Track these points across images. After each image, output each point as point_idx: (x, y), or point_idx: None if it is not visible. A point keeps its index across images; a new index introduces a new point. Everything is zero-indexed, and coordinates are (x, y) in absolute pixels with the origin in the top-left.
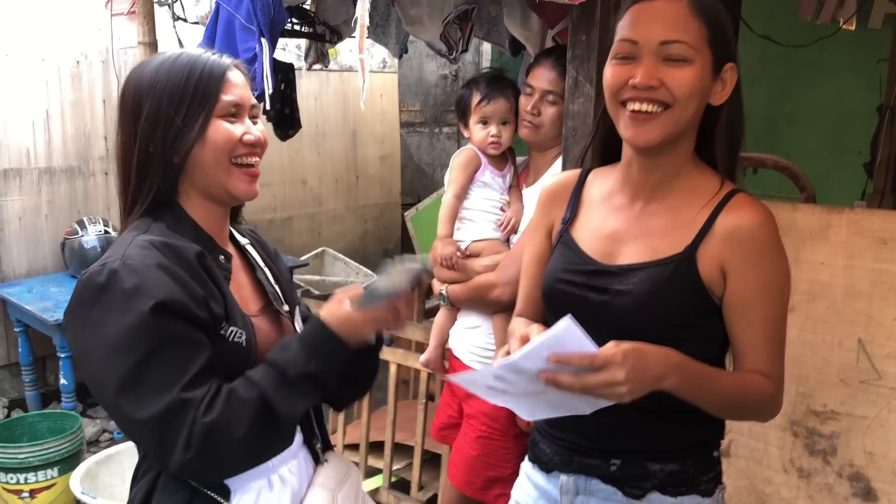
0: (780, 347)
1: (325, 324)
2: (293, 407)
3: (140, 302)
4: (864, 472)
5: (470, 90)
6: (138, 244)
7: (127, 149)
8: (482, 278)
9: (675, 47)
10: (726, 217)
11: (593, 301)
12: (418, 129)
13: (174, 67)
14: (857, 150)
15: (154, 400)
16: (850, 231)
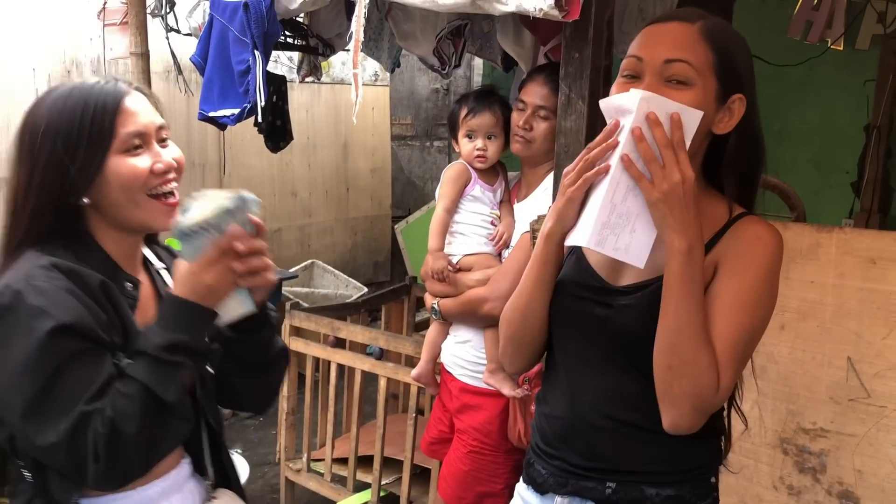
0: (737, 357)
1: (171, 294)
2: (172, 384)
3: (44, 322)
4: (854, 490)
5: (459, 105)
6: (41, 265)
7: (19, 194)
8: (473, 293)
9: (677, 67)
10: (732, 230)
11: (598, 315)
12: (409, 143)
13: (66, 106)
14: (845, 169)
15: (60, 421)
16: (840, 250)
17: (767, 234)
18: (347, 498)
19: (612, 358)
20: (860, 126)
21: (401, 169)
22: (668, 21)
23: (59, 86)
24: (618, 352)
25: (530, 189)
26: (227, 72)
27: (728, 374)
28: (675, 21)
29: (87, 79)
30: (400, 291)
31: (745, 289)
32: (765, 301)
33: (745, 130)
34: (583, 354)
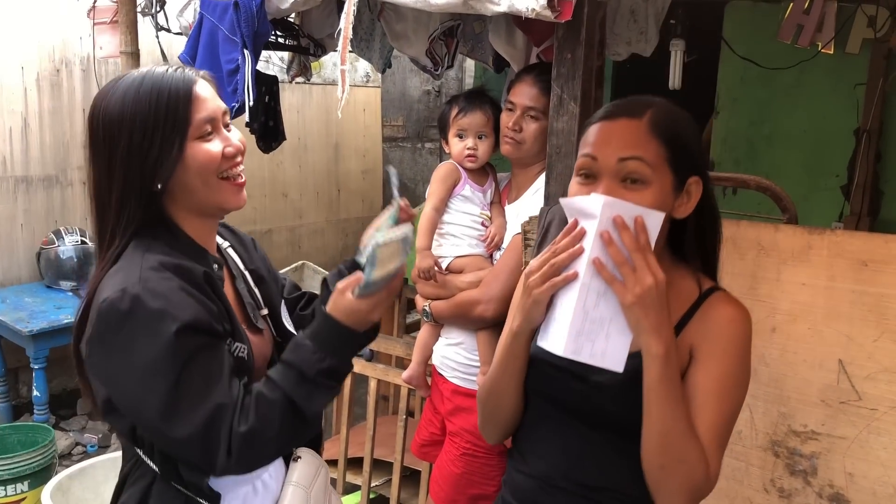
0: (722, 443)
1: (333, 318)
2: (316, 402)
3: (166, 325)
4: (844, 493)
5: (450, 105)
6: (150, 266)
7: (102, 185)
8: (465, 295)
9: (632, 164)
10: (704, 308)
11: (574, 390)
12: (401, 144)
13: (140, 95)
14: (835, 172)
15: (193, 415)
16: (831, 252)
17: (739, 315)
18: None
19: (590, 430)
20: (850, 130)
21: None
22: (616, 118)
23: (125, 75)
24: (596, 426)
25: (521, 191)
26: (215, 70)
27: (716, 459)
28: (622, 118)
29: (153, 67)
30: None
31: (724, 375)
32: (742, 381)
33: (703, 208)
34: (560, 426)
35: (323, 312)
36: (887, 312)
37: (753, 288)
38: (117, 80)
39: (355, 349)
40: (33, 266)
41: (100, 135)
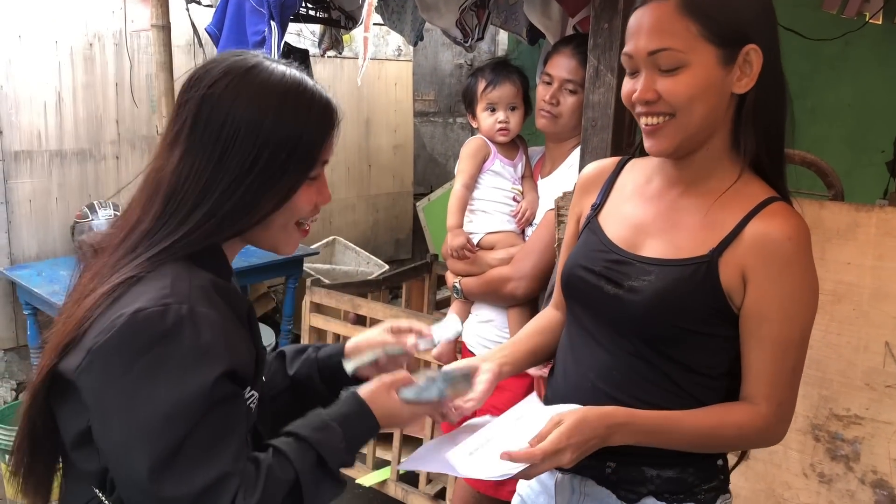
0: (790, 374)
1: (371, 411)
2: (321, 495)
3: (213, 364)
4: (889, 480)
5: (475, 78)
6: (200, 285)
7: (191, 183)
8: (496, 272)
9: (662, 56)
10: (757, 223)
11: (607, 293)
12: (432, 119)
13: (287, 107)
14: (880, 148)
15: (192, 476)
16: (880, 231)
17: (796, 231)
18: (367, 475)
19: (619, 338)
20: None
21: (423, 146)
22: (646, 2)
23: (258, 62)
24: (626, 333)
25: (555, 165)
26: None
27: (780, 392)
28: (652, 1)
29: (295, 70)
30: (421, 269)
31: (784, 296)
32: (807, 303)
33: (762, 82)
34: (591, 331)
35: (360, 401)
36: None
37: None
38: (247, 68)
39: (369, 439)
40: (68, 240)
41: (215, 130)
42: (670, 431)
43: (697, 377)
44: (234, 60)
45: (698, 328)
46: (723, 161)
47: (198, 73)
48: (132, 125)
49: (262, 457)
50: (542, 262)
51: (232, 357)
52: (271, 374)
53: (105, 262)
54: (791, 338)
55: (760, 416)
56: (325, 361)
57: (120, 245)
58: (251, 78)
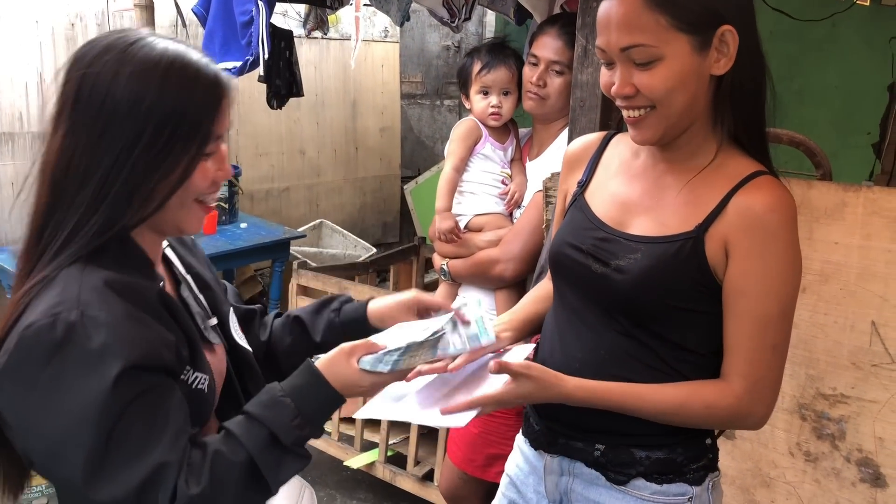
0: (769, 352)
1: (328, 382)
2: (283, 473)
3: (110, 365)
4: (874, 458)
5: (472, 59)
6: (92, 286)
7: (73, 169)
8: (485, 254)
9: (635, 52)
10: (741, 196)
11: (595, 272)
12: (419, 101)
13: (169, 81)
14: (866, 129)
15: (127, 474)
16: (867, 210)
17: (779, 202)
18: (355, 457)
19: (607, 317)
20: (883, 85)
21: (410, 128)
22: None
23: (134, 37)
24: (613, 312)
25: (542, 147)
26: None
27: (756, 369)
28: None
29: (175, 44)
30: (408, 252)
31: (765, 270)
32: (787, 279)
33: (739, 61)
34: (577, 310)
35: (314, 372)
36: None
37: None
38: (128, 44)
39: (333, 412)
40: None
41: (95, 108)
42: (633, 406)
43: (687, 355)
44: (116, 38)
45: (686, 305)
46: (707, 140)
47: (80, 51)
48: None
49: (209, 441)
50: (531, 244)
51: (133, 352)
52: (292, 340)
53: (24, 252)
54: (770, 313)
55: (732, 393)
56: (349, 326)
57: (30, 234)
58: (132, 54)
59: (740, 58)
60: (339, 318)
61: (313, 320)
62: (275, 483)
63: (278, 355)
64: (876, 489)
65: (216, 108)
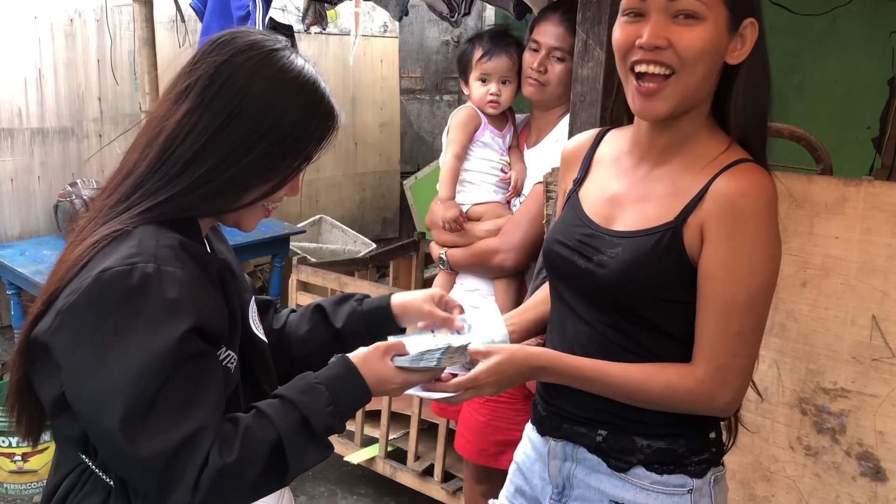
0: (733, 338)
1: (361, 376)
2: (306, 460)
3: (178, 321)
4: (874, 452)
5: (472, 45)
6: (167, 244)
7: (193, 141)
8: (484, 244)
9: (684, 2)
10: (718, 181)
11: (580, 267)
12: (419, 97)
13: (300, 96)
14: (867, 124)
15: (168, 432)
16: (868, 205)
17: (753, 187)
18: (355, 452)
19: (595, 311)
20: (884, 80)
21: (410, 124)
22: None
23: (283, 47)
24: (601, 306)
25: (541, 134)
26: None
27: (720, 357)
28: None
29: (318, 75)
30: (408, 247)
31: (734, 255)
32: (757, 264)
33: (755, 57)
34: (570, 304)
35: (350, 365)
36: None
37: (784, 241)
38: (271, 49)
39: (360, 408)
40: (51, 219)
41: (228, 97)
42: (597, 379)
43: (674, 345)
44: (261, 38)
45: (669, 296)
46: (701, 131)
47: (223, 37)
48: (115, 102)
49: (241, 417)
50: (531, 234)
51: (200, 314)
52: (311, 326)
53: (102, 204)
54: (736, 299)
55: (693, 376)
56: (372, 315)
57: (117, 188)
58: (274, 60)
59: (754, 54)
60: (361, 307)
61: (335, 309)
62: (297, 467)
63: (291, 343)
64: (876, 483)
65: (326, 135)
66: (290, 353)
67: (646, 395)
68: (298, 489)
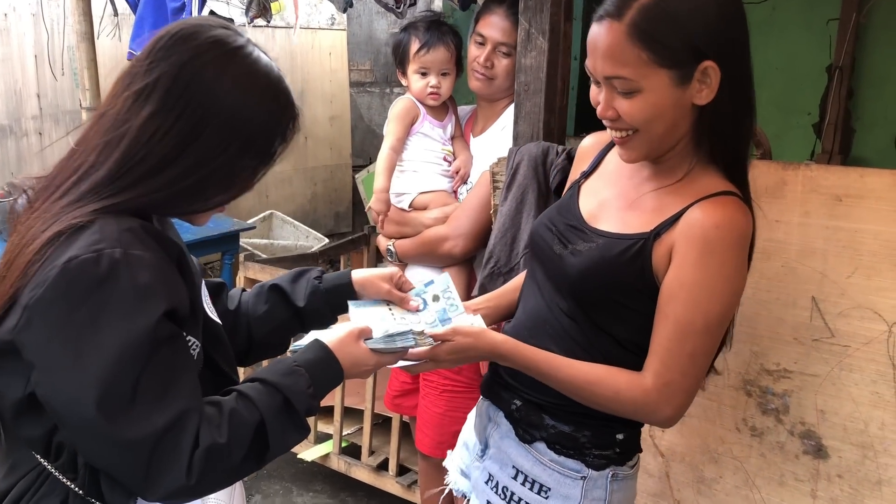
0: (686, 359)
1: (336, 359)
2: (285, 441)
3: (153, 305)
4: (816, 430)
5: (408, 35)
6: (129, 228)
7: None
8: (432, 231)
9: (616, 82)
10: (695, 208)
11: (554, 251)
12: (369, 89)
13: (266, 98)
14: (807, 110)
15: (154, 416)
16: (806, 188)
17: (727, 221)
18: (309, 449)
19: (557, 296)
20: (822, 66)
21: (360, 117)
22: (601, 19)
23: (246, 44)
24: (563, 292)
25: (487, 123)
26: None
27: (669, 373)
28: (606, 19)
29: (272, 61)
30: (359, 241)
31: (696, 280)
32: (718, 294)
33: (724, 94)
34: (539, 284)
35: (325, 348)
36: (861, 248)
37: None
38: (236, 46)
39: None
40: None
41: (193, 101)
42: (548, 373)
43: (620, 350)
44: (224, 33)
45: (627, 302)
46: (692, 162)
47: (181, 31)
48: (54, 99)
49: (224, 400)
50: (479, 221)
51: (170, 297)
52: (270, 306)
53: (50, 203)
54: (693, 322)
55: (641, 387)
56: (333, 293)
57: (71, 189)
58: (241, 58)
59: (723, 90)
60: (322, 285)
61: (293, 288)
62: (277, 448)
63: (250, 323)
64: (818, 460)
65: (290, 136)
66: (248, 333)
67: (594, 396)
68: (253, 487)
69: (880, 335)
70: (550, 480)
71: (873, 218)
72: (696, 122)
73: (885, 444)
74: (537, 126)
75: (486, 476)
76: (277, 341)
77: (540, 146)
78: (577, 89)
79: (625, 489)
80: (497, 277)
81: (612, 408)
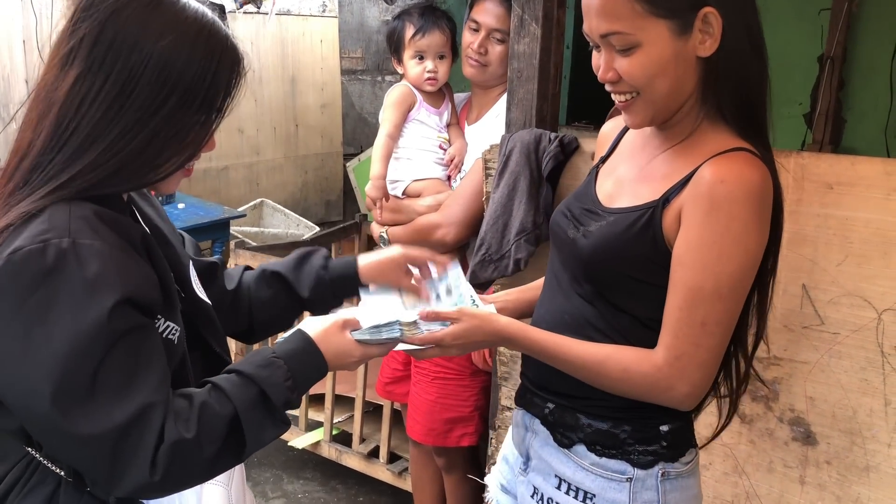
0: (697, 328)
1: (319, 350)
2: (263, 436)
3: (104, 295)
4: (805, 417)
5: (402, 22)
6: (81, 216)
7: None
8: (425, 219)
9: (614, 39)
10: (703, 167)
11: (569, 235)
12: (360, 77)
13: (199, 45)
14: (798, 100)
15: (112, 410)
16: (797, 175)
17: (732, 174)
18: (300, 437)
19: (574, 282)
20: (814, 57)
21: (352, 105)
22: None
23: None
24: (579, 277)
25: (482, 111)
26: None
27: (680, 344)
28: None
29: (208, 8)
30: (350, 229)
31: (703, 241)
32: (727, 254)
33: (730, 42)
34: (556, 273)
35: (308, 339)
36: (851, 236)
37: None
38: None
39: (317, 381)
40: None
41: (120, 58)
42: (556, 355)
43: (643, 330)
44: None
45: (643, 277)
46: (701, 121)
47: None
48: None
49: (195, 392)
50: (472, 208)
51: (127, 286)
52: (274, 292)
53: (1, 188)
54: (702, 287)
55: (651, 362)
56: (339, 283)
57: (14, 172)
58: (165, 7)
59: (727, 38)
60: (328, 275)
61: (297, 276)
62: (254, 443)
63: (252, 305)
64: (807, 447)
65: (236, 81)
66: (250, 313)
67: (603, 377)
68: None
69: (870, 322)
70: (594, 486)
71: (864, 206)
72: (703, 78)
73: (873, 431)
74: (530, 113)
75: (531, 490)
76: (281, 323)
77: (532, 133)
78: (569, 78)
79: (681, 489)
80: (488, 264)
81: (624, 389)
